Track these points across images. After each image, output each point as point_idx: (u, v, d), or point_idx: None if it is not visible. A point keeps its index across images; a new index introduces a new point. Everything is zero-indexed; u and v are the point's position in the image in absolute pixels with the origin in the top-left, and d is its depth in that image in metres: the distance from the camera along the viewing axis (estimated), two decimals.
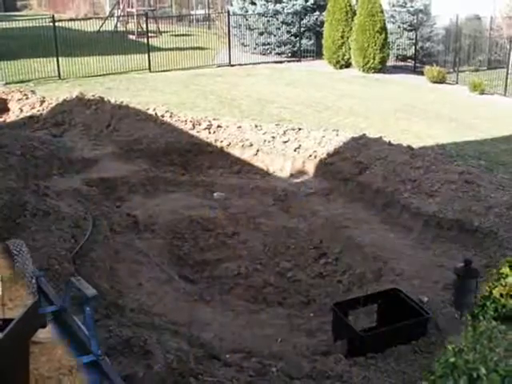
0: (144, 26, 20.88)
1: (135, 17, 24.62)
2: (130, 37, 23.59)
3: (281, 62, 21.01)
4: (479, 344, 2.31)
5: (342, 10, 19.27)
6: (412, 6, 21.32)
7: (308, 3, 21.65)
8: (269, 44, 21.89)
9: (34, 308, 2.53)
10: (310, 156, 8.91)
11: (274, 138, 9.45)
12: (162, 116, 10.36)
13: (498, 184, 7.27)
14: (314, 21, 21.79)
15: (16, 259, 2.88)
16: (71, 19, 25.06)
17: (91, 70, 17.47)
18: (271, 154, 9.22)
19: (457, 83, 18.45)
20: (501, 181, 7.47)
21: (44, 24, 18.57)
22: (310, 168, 8.82)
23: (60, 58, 16.83)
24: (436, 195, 6.97)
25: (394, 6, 21.72)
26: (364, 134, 9.30)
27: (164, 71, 18.20)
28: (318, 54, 21.31)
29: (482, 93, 16.97)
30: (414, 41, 20.85)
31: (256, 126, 9.88)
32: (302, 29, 21.62)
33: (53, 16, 18.14)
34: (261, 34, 21.83)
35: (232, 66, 19.74)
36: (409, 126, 12.16)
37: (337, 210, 7.46)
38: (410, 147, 8.70)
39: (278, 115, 12.42)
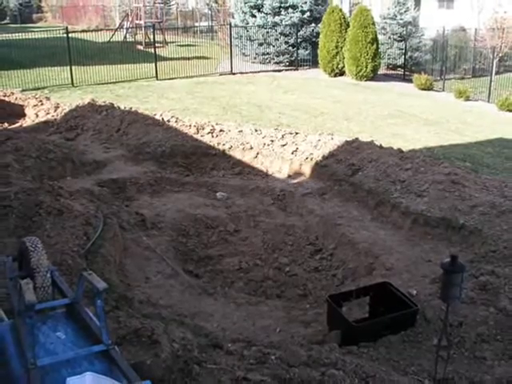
0: (151, 36, 20.89)
1: (143, 28, 24.67)
2: (138, 47, 23.62)
3: (279, 71, 21.03)
4: None
5: (337, 22, 19.30)
6: (402, 19, 21.36)
7: (305, 16, 21.68)
8: (268, 54, 21.91)
9: None
10: (307, 158, 8.90)
11: (272, 141, 9.44)
12: (168, 121, 10.36)
13: (482, 184, 7.25)
14: (311, 32, 21.82)
15: (32, 255, 2.88)
16: (83, 30, 25.07)
17: (102, 77, 17.48)
18: (270, 156, 9.21)
19: (443, 90, 18.48)
20: (485, 181, 7.45)
21: (58, 35, 18.62)
22: (307, 170, 8.81)
23: (73, 67, 16.85)
24: (424, 195, 6.96)
25: (384, 18, 21.79)
26: (357, 138, 9.29)
27: (170, 79, 18.22)
28: (313, 63, 21.35)
29: (467, 99, 16.98)
30: (403, 51, 20.88)
31: (256, 131, 9.88)
32: (299, 40, 21.66)
33: (66, 27, 18.15)
34: (260, 44, 21.85)
35: (233, 74, 19.75)
36: (399, 130, 12.15)
37: (331, 208, 7.45)
38: (399, 150, 8.69)
39: (277, 120, 12.42)
